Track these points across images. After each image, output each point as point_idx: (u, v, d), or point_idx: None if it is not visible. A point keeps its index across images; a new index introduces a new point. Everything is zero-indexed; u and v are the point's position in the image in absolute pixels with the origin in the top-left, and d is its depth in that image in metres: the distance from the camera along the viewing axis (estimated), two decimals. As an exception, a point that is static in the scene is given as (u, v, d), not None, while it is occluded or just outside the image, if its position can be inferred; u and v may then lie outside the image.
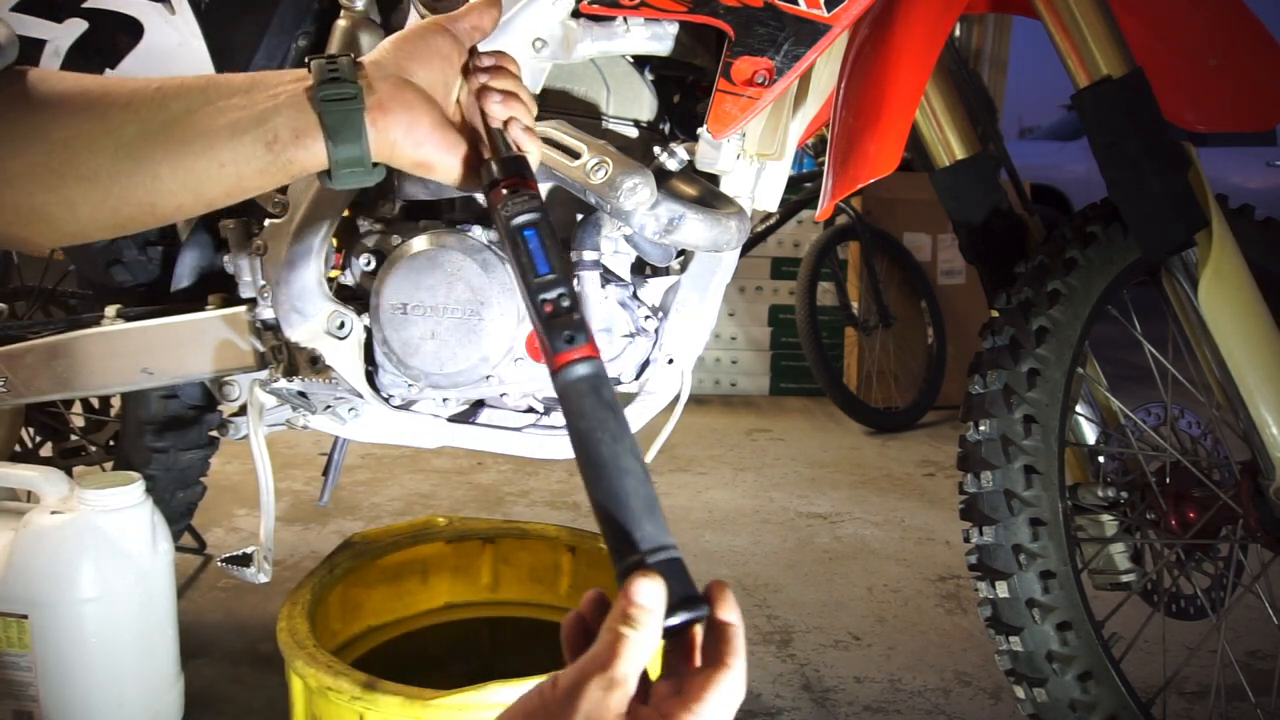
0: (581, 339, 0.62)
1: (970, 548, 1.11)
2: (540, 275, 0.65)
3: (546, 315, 0.64)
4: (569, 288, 0.65)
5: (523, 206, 0.67)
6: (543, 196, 0.69)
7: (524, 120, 0.74)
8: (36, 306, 1.61)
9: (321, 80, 0.66)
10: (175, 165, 0.64)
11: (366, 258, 1.09)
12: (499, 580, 1.53)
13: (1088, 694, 1.04)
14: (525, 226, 0.66)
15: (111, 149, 0.63)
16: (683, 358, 1.11)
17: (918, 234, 3.53)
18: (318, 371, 1.11)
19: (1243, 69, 1.22)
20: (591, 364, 0.62)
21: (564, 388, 0.62)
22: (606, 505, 0.59)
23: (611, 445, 0.60)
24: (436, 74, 0.72)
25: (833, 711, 1.47)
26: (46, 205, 0.64)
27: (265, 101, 0.65)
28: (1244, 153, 6.62)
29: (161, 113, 0.64)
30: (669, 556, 0.58)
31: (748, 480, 2.65)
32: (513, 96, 0.74)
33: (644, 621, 0.54)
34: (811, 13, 0.94)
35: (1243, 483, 1.15)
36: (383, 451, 2.67)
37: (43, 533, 1.19)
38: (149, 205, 0.65)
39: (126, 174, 0.64)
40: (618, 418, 0.61)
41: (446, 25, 0.73)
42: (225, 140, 0.64)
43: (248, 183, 0.66)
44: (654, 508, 0.59)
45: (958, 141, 1.28)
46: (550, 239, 0.66)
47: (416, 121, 0.69)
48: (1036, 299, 1.10)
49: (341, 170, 0.67)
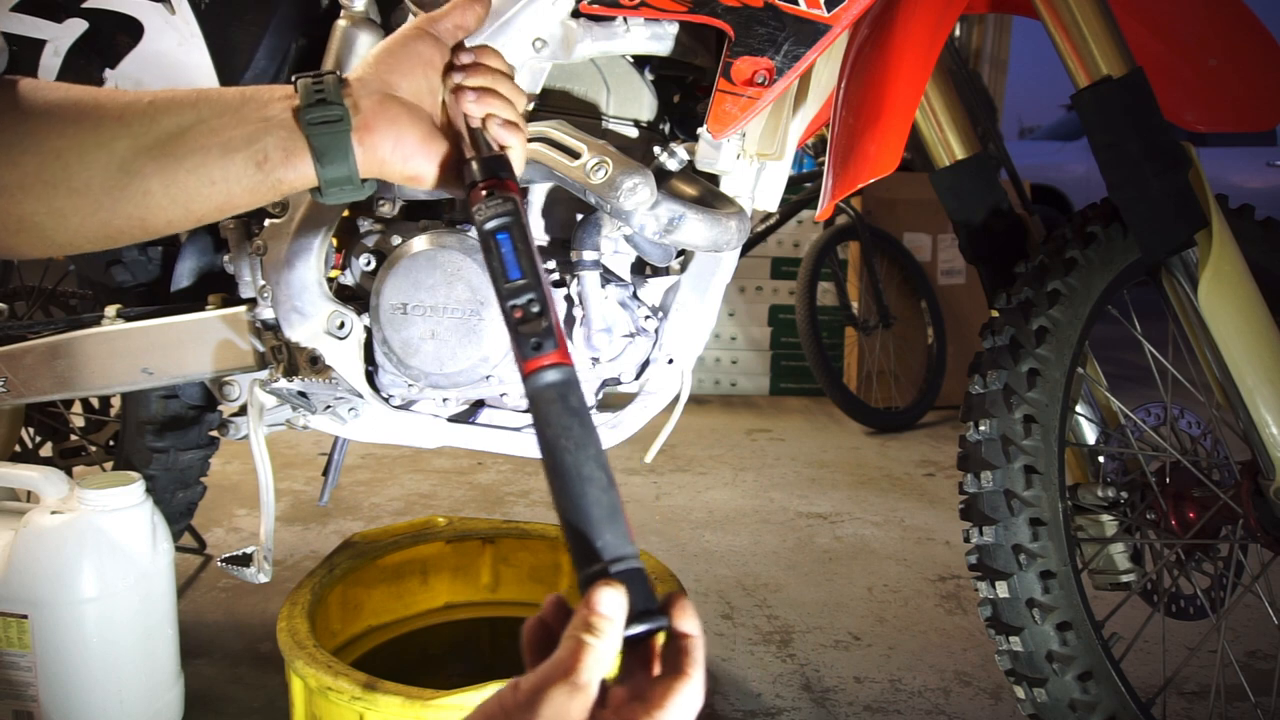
0: (549, 345, 0.63)
1: (970, 548, 1.11)
2: (511, 280, 0.65)
3: (516, 320, 0.64)
4: (539, 292, 0.64)
5: (496, 210, 0.67)
6: (521, 195, 0.69)
7: (503, 114, 0.73)
8: (36, 306, 1.61)
9: (308, 103, 0.66)
10: (167, 181, 0.65)
11: (366, 258, 1.09)
12: (499, 580, 1.53)
13: (1088, 694, 1.04)
14: (498, 230, 0.66)
15: (103, 162, 0.64)
16: (683, 358, 1.11)
17: (918, 234, 3.53)
18: (318, 371, 1.11)
19: (1243, 69, 1.22)
20: (559, 370, 0.62)
21: (531, 394, 0.62)
22: (569, 514, 0.60)
23: (575, 453, 0.60)
24: (421, 82, 0.72)
25: (833, 711, 1.47)
26: (36, 215, 0.64)
27: (256, 121, 0.66)
28: (1244, 153, 6.62)
29: (154, 128, 0.65)
30: (630, 567, 0.59)
31: (748, 480, 2.65)
32: (489, 92, 0.73)
33: (605, 630, 0.56)
34: (811, 13, 0.94)
35: (1243, 483, 1.15)
36: (383, 451, 2.67)
37: (43, 533, 1.19)
38: (139, 219, 0.66)
39: (118, 188, 0.64)
40: (583, 425, 0.61)
41: (428, 29, 0.73)
42: (217, 159, 0.65)
43: (238, 200, 0.67)
44: (617, 516, 0.60)
45: (958, 141, 1.28)
46: (522, 242, 0.66)
47: (403, 137, 0.70)
48: (1036, 299, 1.10)
49: (331, 189, 0.69)
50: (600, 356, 1.08)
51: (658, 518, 2.31)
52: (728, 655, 1.63)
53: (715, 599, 1.85)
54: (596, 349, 1.06)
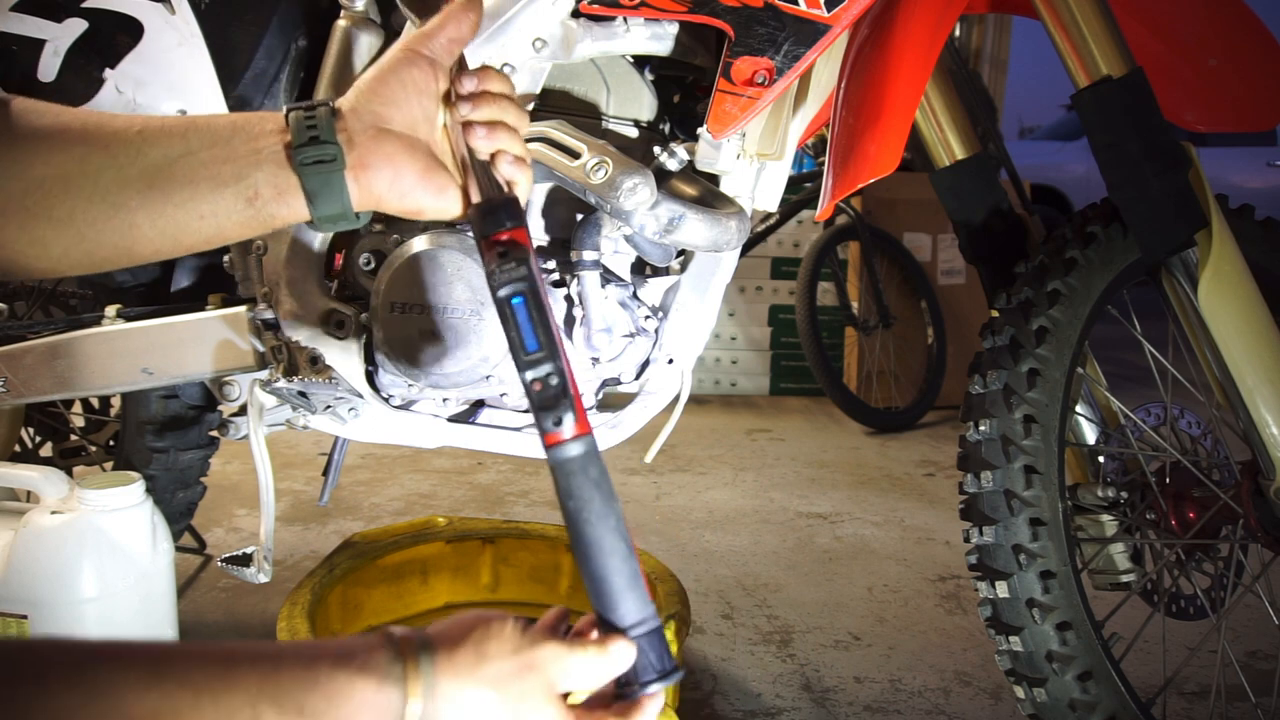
0: (569, 419, 0.64)
1: (970, 548, 1.11)
2: (529, 353, 0.65)
3: (535, 394, 0.65)
4: (557, 364, 0.65)
5: (510, 275, 0.66)
6: (532, 245, 0.68)
7: (512, 150, 0.71)
8: (36, 306, 1.61)
9: (300, 141, 0.64)
10: (154, 214, 0.63)
11: (366, 257, 1.09)
12: (499, 580, 1.53)
13: (1088, 694, 1.04)
14: (513, 295, 0.66)
15: (87, 194, 0.62)
16: (683, 357, 1.11)
17: (918, 234, 3.53)
18: (318, 371, 1.11)
19: (1243, 69, 1.22)
20: (581, 443, 0.64)
21: (553, 465, 0.65)
22: (592, 583, 0.65)
23: (596, 525, 0.64)
24: (416, 111, 0.69)
25: (833, 711, 1.47)
26: (17, 243, 0.62)
27: (246, 155, 0.64)
28: (1244, 153, 6.62)
29: (140, 159, 0.63)
30: (648, 629, 0.65)
31: (748, 480, 2.65)
32: (499, 126, 0.70)
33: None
34: (811, 13, 0.94)
35: (1243, 483, 1.15)
36: (383, 451, 2.67)
37: (43, 533, 1.19)
38: (125, 249, 0.64)
39: (103, 219, 0.63)
40: (604, 496, 0.64)
41: (420, 49, 0.69)
42: (206, 194, 0.63)
43: (228, 233, 0.66)
44: (636, 583, 0.65)
45: (958, 141, 1.28)
46: (537, 309, 0.66)
47: (400, 173, 0.67)
48: (1036, 299, 1.10)
49: (325, 224, 0.67)
50: (600, 356, 1.08)
51: (658, 518, 2.31)
52: (728, 655, 1.63)
53: (715, 599, 1.85)
54: (596, 349, 1.06)
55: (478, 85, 0.71)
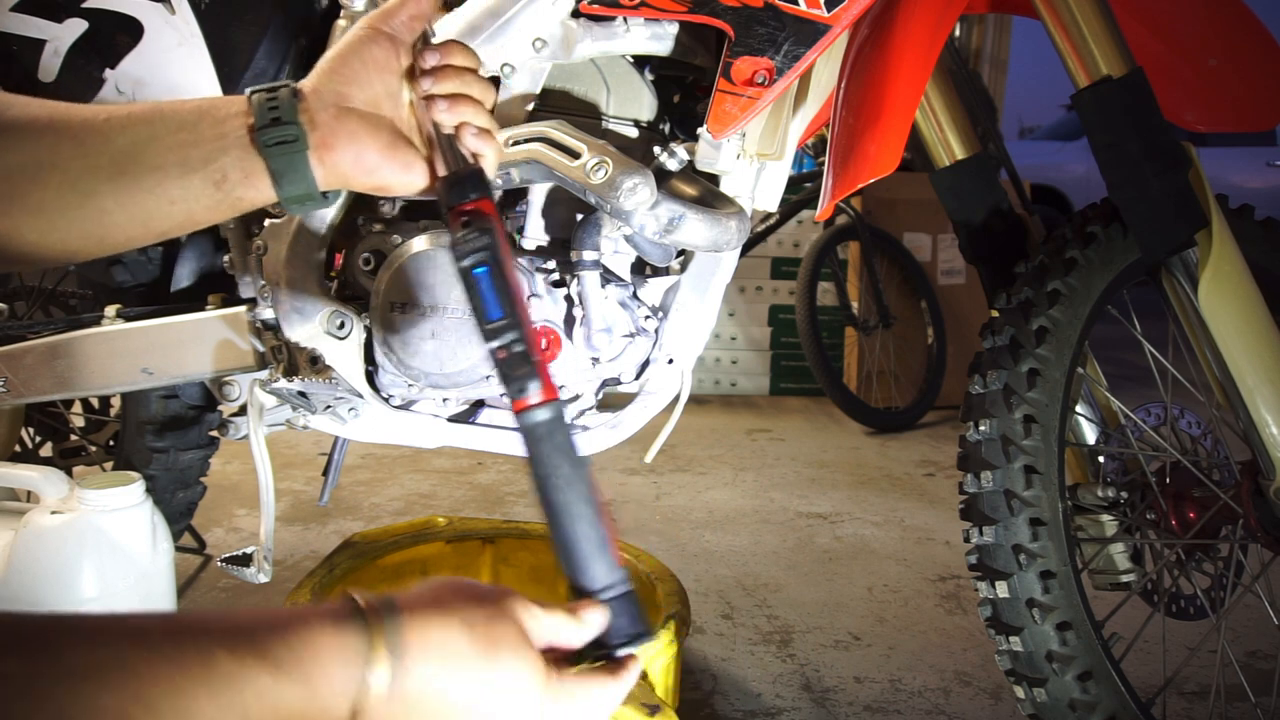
0: (534, 385, 0.64)
1: (970, 548, 1.11)
2: (491, 321, 0.65)
3: (500, 361, 0.65)
4: (521, 330, 0.65)
5: (473, 244, 0.66)
6: (498, 214, 0.68)
7: (475, 122, 0.71)
8: (36, 306, 1.61)
9: (263, 124, 0.65)
10: (124, 201, 0.63)
11: (366, 257, 1.09)
12: (499, 580, 1.53)
13: (1088, 694, 1.04)
14: (475, 266, 0.66)
15: (56, 183, 0.62)
16: (683, 357, 1.11)
17: (918, 234, 3.53)
18: (318, 371, 1.11)
19: (1243, 69, 1.22)
20: (547, 409, 0.64)
21: (522, 430, 0.65)
22: (560, 549, 0.64)
23: (564, 491, 0.64)
24: (378, 89, 0.69)
25: (833, 711, 1.47)
26: None
27: (212, 139, 0.65)
28: (1244, 153, 6.62)
29: (107, 147, 0.63)
30: (617, 593, 0.64)
31: (748, 480, 2.65)
32: (461, 99, 0.71)
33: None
34: (811, 13, 0.94)
35: (1243, 483, 1.15)
36: (383, 451, 2.67)
37: (43, 533, 1.19)
38: (97, 237, 0.65)
39: (73, 207, 0.63)
40: (571, 462, 0.64)
41: (381, 26, 0.70)
42: (175, 179, 0.64)
43: (199, 217, 0.66)
44: (604, 548, 0.64)
45: (958, 141, 1.28)
46: (500, 278, 0.66)
47: (363, 151, 0.68)
48: (1036, 299, 1.10)
49: (292, 205, 0.67)
50: (600, 356, 1.08)
51: (658, 518, 2.31)
52: (728, 655, 1.63)
53: (715, 599, 1.85)
54: (596, 349, 1.06)
55: (440, 59, 0.71)
